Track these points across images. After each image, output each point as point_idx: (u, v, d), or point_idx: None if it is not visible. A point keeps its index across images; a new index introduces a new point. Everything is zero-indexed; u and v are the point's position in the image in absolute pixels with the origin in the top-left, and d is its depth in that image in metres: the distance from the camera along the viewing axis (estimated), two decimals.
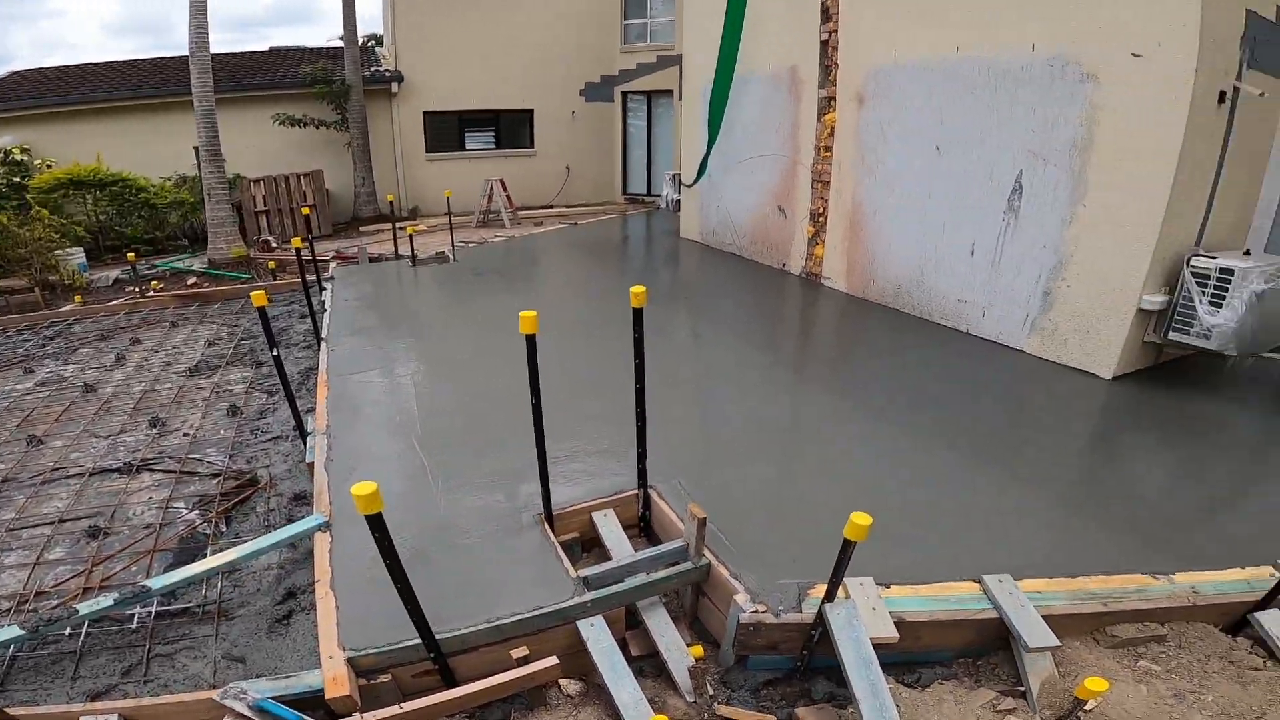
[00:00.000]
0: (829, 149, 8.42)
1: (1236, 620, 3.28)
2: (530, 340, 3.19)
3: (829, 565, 2.81)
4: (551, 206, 16.93)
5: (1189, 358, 5.99)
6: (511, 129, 17.09)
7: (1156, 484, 4.42)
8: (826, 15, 8.20)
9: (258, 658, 3.50)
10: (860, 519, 2.62)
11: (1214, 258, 5.21)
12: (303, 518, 4.35)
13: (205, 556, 4.09)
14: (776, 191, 9.43)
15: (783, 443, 4.77)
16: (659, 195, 12.95)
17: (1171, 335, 5.45)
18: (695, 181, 11.11)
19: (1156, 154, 5.25)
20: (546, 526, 3.67)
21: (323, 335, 7.22)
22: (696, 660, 3.10)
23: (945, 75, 6.82)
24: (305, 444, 5.10)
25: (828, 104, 8.36)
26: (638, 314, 3.30)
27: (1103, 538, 3.76)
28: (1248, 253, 5.33)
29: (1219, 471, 4.57)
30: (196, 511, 4.81)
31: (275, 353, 4.60)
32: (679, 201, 12.11)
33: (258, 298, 4.32)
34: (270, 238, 13.69)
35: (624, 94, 16.99)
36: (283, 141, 15.09)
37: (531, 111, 16.92)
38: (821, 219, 8.64)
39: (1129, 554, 3.57)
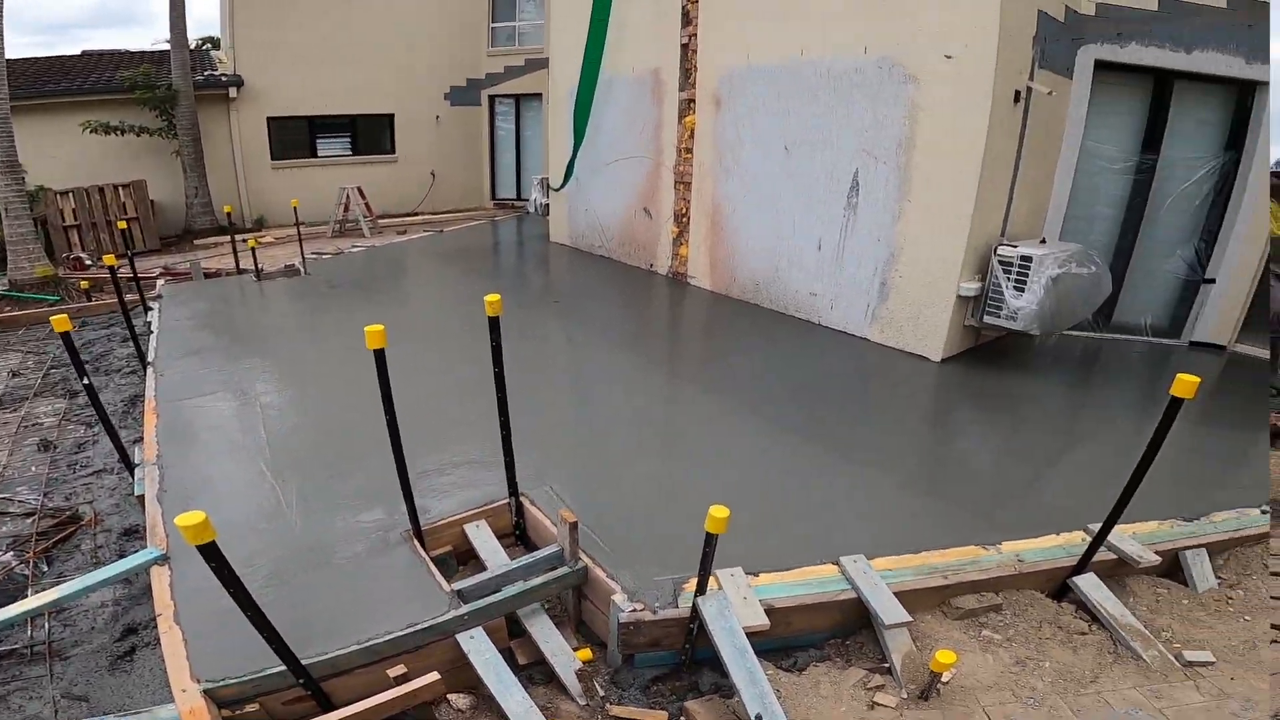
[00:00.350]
0: (690, 150, 9.21)
1: (1059, 585, 3.79)
2: (379, 355, 3.31)
3: (713, 559, 3.06)
4: (416, 214, 17.18)
5: (1003, 338, 7.09)
6: (370, 134, 17.26)
7: (981, 458, 5.17)
8: (687, 19, 8.97)
9: (102, 695, 3.57)
10: (718, 512, 2.84)
11: (1016, 246, 6.28)
12: (135, 552, 4.36)
13: (26, 598, 4.12)
14: (642, 193, 10.17)
15: (653, 441, 5.22)
16: (528, 200, 13.50)
17: (986, 318, 6.50)
18: (563, 185, 11.68)
19: (965, 151, 6.26)
20: (416, 542, 3.86)
21: (149, 359, 7.19)
22: (585, 663, 3.32)
23: (791, 78, 7.68)
24: (133, 476, 5.10)
25: (688, 106, 9.15)
26: (494, 323, 3.56)
27: (940, 512, 4.27)
28: (1044, 241, 6.45)
29: (1032, 443, 5.40)
30: (11, 553, 4.84)
31: (86, 381, 4.55)
32: (548, 206, 12.59)
33: (59, 322, 4.32)
34: (84, 255, 13.45)
35: (492, 98, 17.54)
36: (99, 151, 14.83)
37: (392, 116, 17.20)
38: (685, 219, 9.44)
39: (962, 527, 4.10)
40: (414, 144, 17.46)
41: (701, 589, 3.18)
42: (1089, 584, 3.75)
